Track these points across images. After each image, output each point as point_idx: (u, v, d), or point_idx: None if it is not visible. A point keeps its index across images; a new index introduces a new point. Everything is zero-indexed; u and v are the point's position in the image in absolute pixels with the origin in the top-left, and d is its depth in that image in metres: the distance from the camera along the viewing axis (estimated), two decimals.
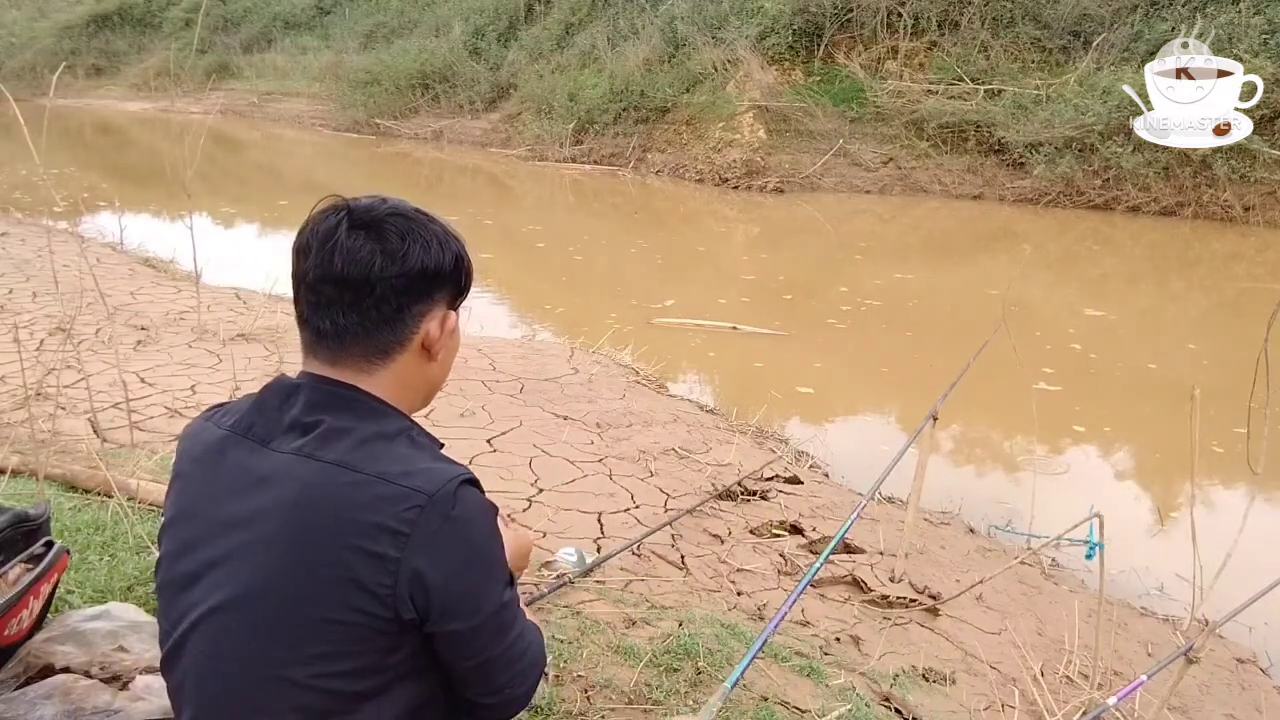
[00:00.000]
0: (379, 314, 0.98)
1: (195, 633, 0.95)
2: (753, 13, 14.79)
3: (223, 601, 0.93)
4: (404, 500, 0.90)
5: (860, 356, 6.41)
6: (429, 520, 0.90)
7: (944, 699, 2.43)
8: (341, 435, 0.95)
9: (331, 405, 0.98)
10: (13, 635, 1.59)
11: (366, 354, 0.99)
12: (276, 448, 0.96)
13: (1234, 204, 10.67)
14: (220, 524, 0.96)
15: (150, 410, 3.92)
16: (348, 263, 0.95)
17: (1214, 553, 2.47)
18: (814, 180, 13.10)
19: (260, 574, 0.92)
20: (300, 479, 0.93)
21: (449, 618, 0.93)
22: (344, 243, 0.95)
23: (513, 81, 17.93)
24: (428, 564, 0.90)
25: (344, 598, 0.90)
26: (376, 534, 0.89)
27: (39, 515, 1.72)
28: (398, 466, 0.93)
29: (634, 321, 6.66)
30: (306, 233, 0.99)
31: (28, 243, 7.65)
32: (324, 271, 0.96)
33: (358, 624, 0.90)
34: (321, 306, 0.98)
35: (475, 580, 0.95)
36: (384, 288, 0.96)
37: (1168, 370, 6.15)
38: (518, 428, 4.10)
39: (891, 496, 4.03)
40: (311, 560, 0.90)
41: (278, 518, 0.92)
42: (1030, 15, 12.91)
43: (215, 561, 0.95)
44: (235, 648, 0.93)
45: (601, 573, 2.78)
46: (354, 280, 0.96)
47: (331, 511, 0.91)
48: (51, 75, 7.42)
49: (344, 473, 0.92)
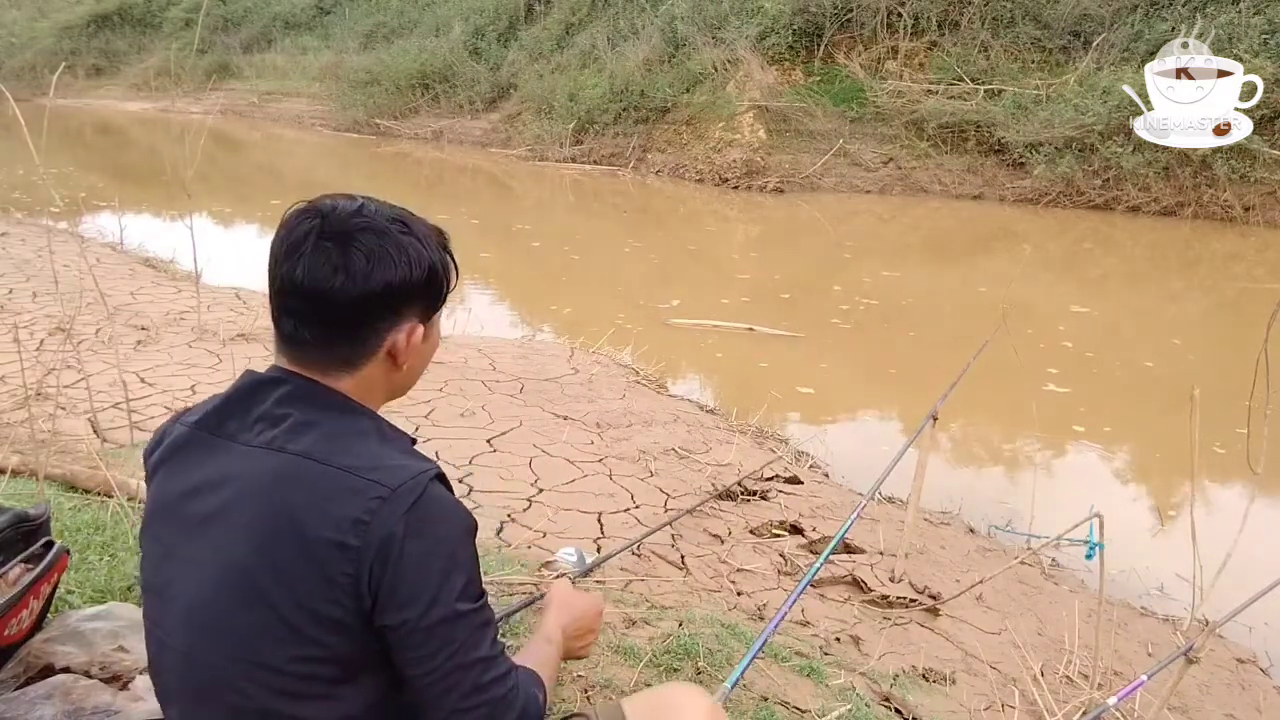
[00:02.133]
0: (340, 329, 0.99)
1: (177, 630, 0.98)
2: (753, 13, 14.79)
3: (201, 596, 0.95)
4: (368, 491, 0.92)
5: (865, 357, 6.41)
6: (391, 510, 0.92)
7: (944, 699, 2.43)
8: (309, 427, 0.97)
9: (299, 399, 0.99)
10: (13, 635, 1.59)
11: (329, 362, 1.00)
12: (245, 441, 0.98)
13: (1234, 204, 10.67)
14: (194, 520, 0.98)
15: (150, 410, 3.92)
16: (309, 277, 0.95)
17: (1214, 553, 2.47)
18: (814, 180, 13.10)
19: (234, 566, 0.94)
20: (269, 470, 0.95)
21: (398, 608, 0.93)
22: (309, 256, 0.95)
23: (513, 81, 17.92)
24: (384, 551, 0.91)
25: (313, 587, 0.92)
26: (340, 524, 0.91)
27: (39, 515, 1.72)
28: (365, 460, 0.95)
29: (643, 322, 6.67)
30: (279, 236, 0.99)
31: (28, 243, 7.66)
32: (286, 282, 0.97)
33: (326, 614, 0.92)
34: (286, 312, 0.99)
35: (432, 573, 0.94)
36: (343, 307, 0.96)
37: (1167, 370, 6.15)
38: (518, 428, 4.10)
39: (891, 496, 4.03)
40: (281, 550, 0.92)
41: (249, 509, 0.94)
42: (1030, 15, 12.91)
43: (191, 558, 0.97)
44: (215, 640, 0.95)
45: (601, 573, 2.78)
46: (314, 295, 0.96)
47: (300, 503, 0.92)
48: (51, 75, 7.42)
49: (312, 465, 0.94)
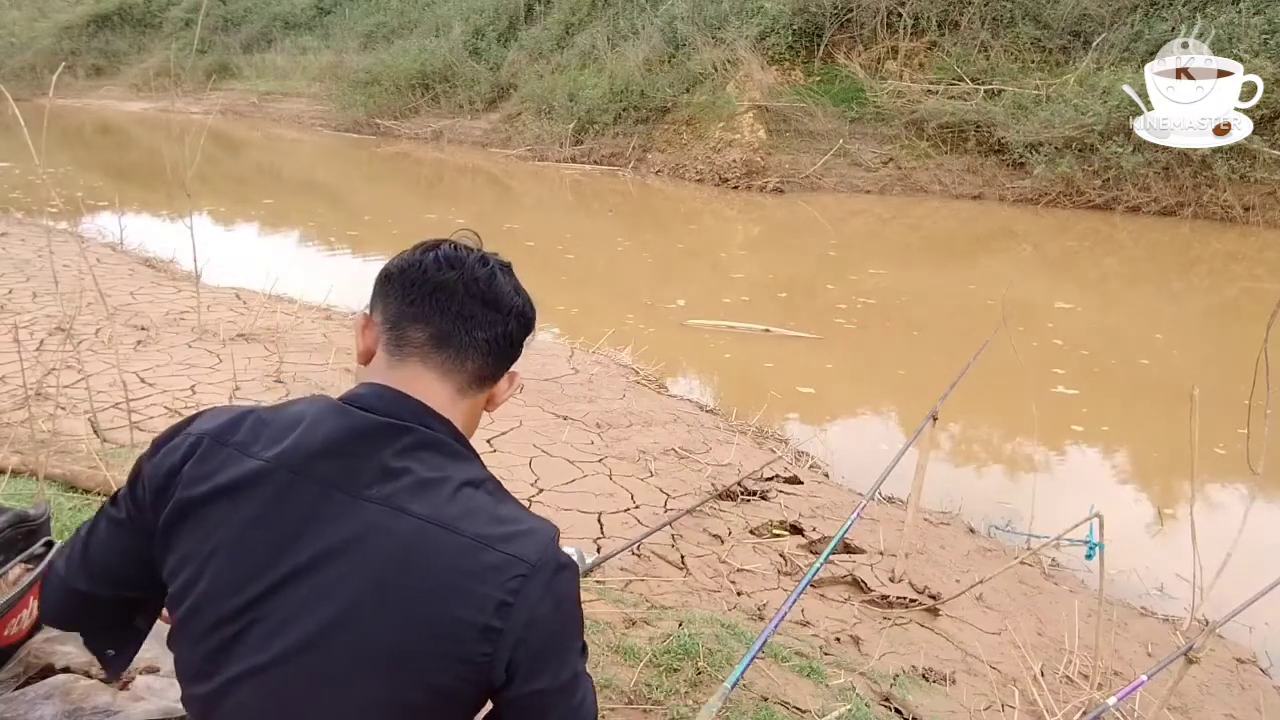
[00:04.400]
0: (499, 345, 1.05)
1: (250, 680, 0.91)
2: (753, 13, 14.79)
3: (285, 654, 0.90)
4: (509, 569, 0.90)
5: (867, 357, 6.40)
6: (532, 590, 0.91)
7: (944, 699, 2.43)
8: (430, 486, 0.94)
9: (418, 449, 0.96)
10: (13, 635, 1.59)
11: (472, 379, 1.04)
12: (354, 494, 0.92)
13: (1234, 204, 10.67)
14: (287, 570, 0.91)
15: (150, 410, 3.92)
16: (503, 295, 1.04)
17: (1214, 553, 2.48)
18: (814, 180, 13.10)
19: (341, 630, 0.89)
20: (394, 535, 0.91)
21: (532, 680, 0.93)
22: (500, 279, 1.05)
23: (513, 81, 17.93)
24: (528, 631, 0.91)
25: (444, 665, 0.89)
26: (483, 605, 0.89)
27: (39, 515, 1.72)
28: (495, 528, 0.93)
29: (655, 322, 6.68)
30: (450, 256, 1.04)
31: (28, 243, 7.66)
32: (477, 290, 1.02)
33: (449, 689, 0.90)
34: (460, 319, 1.02)
35: (565, 642, 0.97)
36: (516, 326, 1.06)
37: (1167, 370, 6.15)
38: (518, 428, 4.10)
39: (891, 496, 4.03)
40: (407, 624, 0.89)
41: (367, 574, 0.90)
42: (1030, 15, 12.91)
43: (280, 610, 0.91)
44: (303, 702, 0.91)
45: (601, 573, 2.78)
46: (504, 309, 1.04)
47: (434, 577, 0.89)
48: (51, 75, 7.42)
49: (443, 534, 0.91)
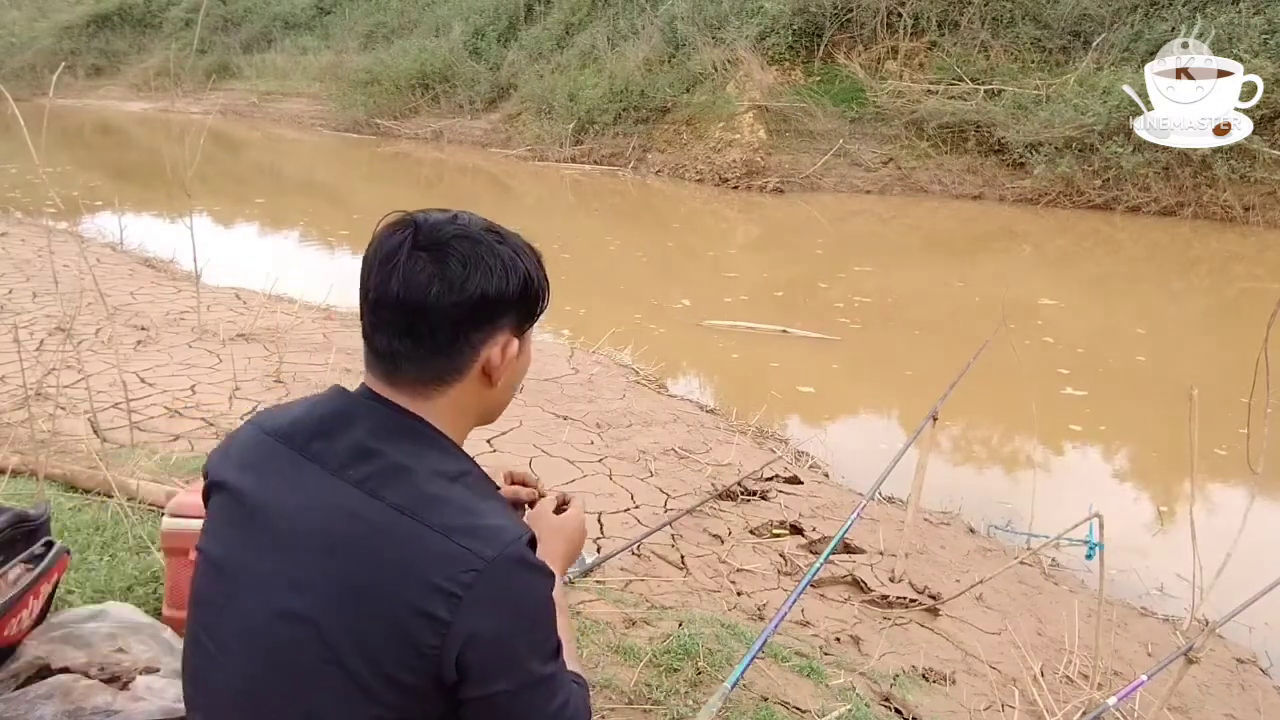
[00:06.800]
0: (434, 342, 0.96)
1: (233, 653, 0.95)
2: (753, 13, 14.79)
3: (266, 627, 0.92)
4: (462, 562, 0.89)
5: (869, 357, 6.40)
6: (485, 586, 0.89)
7: (944, 699, 2.43)
8: (404, 473, 0.93)
9: (394, 433, 0.96)
10: (13, 635, 1.59)
11: (422, 379, 0.98)
12: (333, 470, 0.94)
13: (1234, 204, 10.67)
14: (267, 536, 0.94)
15: (150, 410, 3.92)
16: (404, 287, 0.93)
17: (1214, 553, 2.47)
18: (814, 180, 13.10)
19: (308, 610, 0.90)
20: (362, 518, 0.91)
21: (493, 680, 0.91)
22: (403, 265, 0.93)
23: (513, 81, 17.92)
24: (477, 627, 0.89)
25: (395, 654, 0.89)
26: (431, 594, 0.88)
27: (39, 515, 1.73)
28: (461, 520, 0.91)
29: (663, 322, 6.67)
30: (371, 248, 0.97)
31: (28, 243, 7.65)
32: (381, 294, 0.95)
33: (402, 679, 0.90)
34: (380, 327, 0.96)
35: (520, 646, 0.93)
36: (440, 316, 0.94)
37: (1167, 370, 6.15)
38: (518, 428, 4.09)
39: (891, 496, 4.03)
40: (364, 611, 0.89)
41: (340, 554, 0.91)
42: (1030, 15, 12.91)
43: (262, 580, 0.93)
44: (271, 677, 0.92)
45: (601, 573, 2.78)
46: (410, 306, 0.94)
47: (394, 565, 0.89)
48: (51, 75, 7.42)
49: (409, 523, 0.90)
